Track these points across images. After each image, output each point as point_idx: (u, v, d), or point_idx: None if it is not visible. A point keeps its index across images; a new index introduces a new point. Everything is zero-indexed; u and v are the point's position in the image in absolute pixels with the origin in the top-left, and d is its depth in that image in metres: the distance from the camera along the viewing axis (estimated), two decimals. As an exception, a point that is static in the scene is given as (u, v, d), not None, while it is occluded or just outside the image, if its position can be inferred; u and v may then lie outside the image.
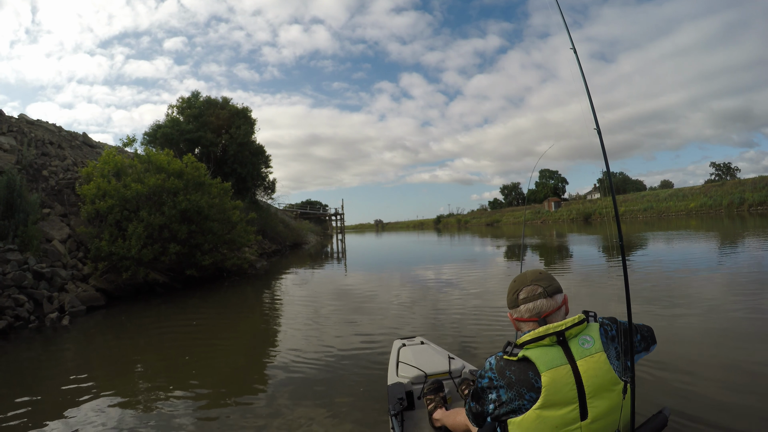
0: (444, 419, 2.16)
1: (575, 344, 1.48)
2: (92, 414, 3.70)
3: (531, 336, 1.49)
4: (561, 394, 1.40)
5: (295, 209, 60.03)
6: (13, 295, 7.39)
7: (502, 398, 1.47)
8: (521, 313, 1.60)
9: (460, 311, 6.94)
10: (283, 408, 3.63)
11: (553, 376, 1.41)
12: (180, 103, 26.15)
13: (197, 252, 11.72)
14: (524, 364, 1.46)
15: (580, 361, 1.44)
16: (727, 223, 27.76)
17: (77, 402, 3.98)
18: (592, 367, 1.43)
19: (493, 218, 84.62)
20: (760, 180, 47.62)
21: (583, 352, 1.46)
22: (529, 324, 1.58)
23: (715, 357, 4.16)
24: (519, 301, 1.61)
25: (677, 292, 7.19)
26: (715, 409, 3.02)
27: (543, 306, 1.56)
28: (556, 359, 1.44)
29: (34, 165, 11.43)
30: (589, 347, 1.47)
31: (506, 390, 1.46)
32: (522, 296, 1.60)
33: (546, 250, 18.51)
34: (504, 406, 1.46)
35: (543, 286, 1.59)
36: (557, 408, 1.41)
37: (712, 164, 72.26)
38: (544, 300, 1.57)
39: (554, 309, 1.57)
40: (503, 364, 1.50)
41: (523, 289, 1.61)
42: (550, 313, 1.56)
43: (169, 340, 6.47)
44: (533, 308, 1.57)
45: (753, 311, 5.65)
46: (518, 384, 1.44)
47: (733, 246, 13.99)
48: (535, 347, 1.47)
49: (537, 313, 1.56)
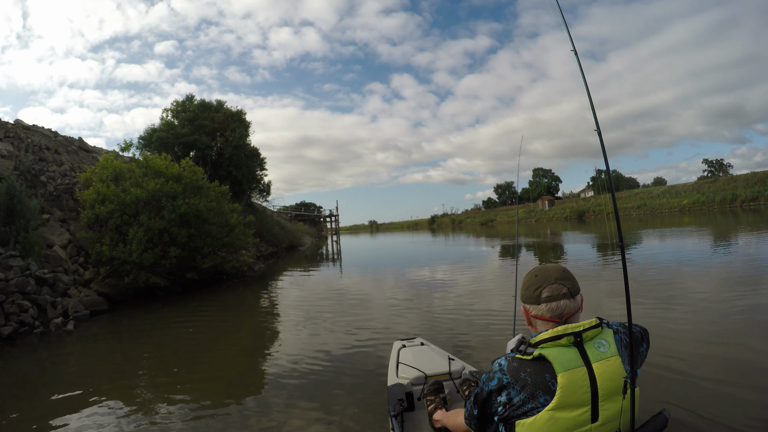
0: (444, 420, 2.12)
1: (591, 347, 1.45)
2: (94, 420, 3.73)
3: (549, 335, 1.45)
4: (576, 396, 1.38)
5: (290, 211, 59.84)
6: (17, 301, 7.43)
7: (514, 401, 1.42)
8: (542, 311, 1.53)
9: (455, 312, 7.02)
10: (284, 410, 3.67)
11: (570, 377, 1.38)
12: (174, 106, 26.06)
13: (197, 255, 11.79)
14: (540, 364, 1.43)
15: (596, 363, 1.42)
16: (720, 219, 28.08)
17: (79, 408, 4.01)
18: (607, 370, 1.42)
19: (488, 217, 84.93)
20: (752, 176, 48.13)
21: (599, 355, 1.44)
22: (548, 324, 1.52)
23: (711, 353, 4.26)
24: (541, 299, 1.53)
25: (672, 288, 7.35)
26: (713, 408, 3.04)
27: (566, 307, 1.51)
28: (573, 360, 1.41)
29: (32, 171, 11.44)
30: (605, 351, 1.45)
31: (519, 392, 1.42)
32: (545, 294, 1.52)
33: (541, 249, 18.68)
34: (515, 408, 1.42)
35: (568, 286, 1.53)
36: (570, 410, 1.38)
37: (705, 161, 72.81)
38: (568, 301, 1.51)
39: (576, 311, 1.53)
40: (516, 365, 1.45)
41: (546, 286, 1.53)
42: (572, 315, 1.52)
43: (170, 343, 6.55)
44: (556, 308, 1.50)
45: (749, 307, 5.80)
46: (533, 386, 1.40)
47: (727, 242, 14.22)
48: (551, 346, 1.44)
49: (559, 314, 1.50)
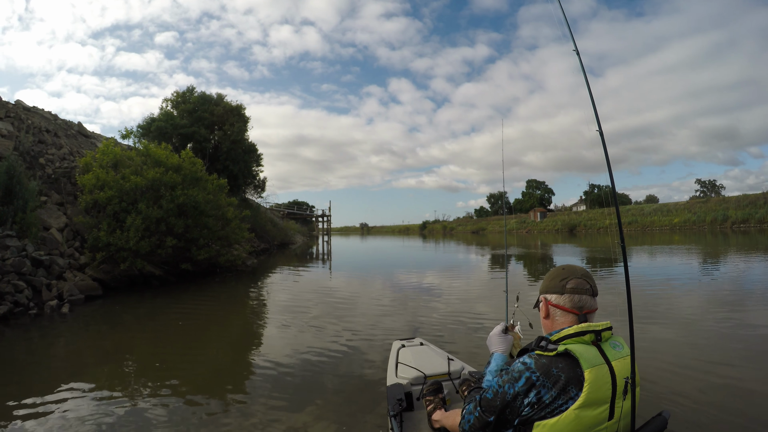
0: (443, 420, 2.12)
1: (607, 346, 1.49)
2: (77, 403, 3.73)
3: (573, 330, 1.48)
4: (600, 393, 1.39)
5: (282, 209, 59.78)
6: (13, 281, 7.43)
7: (544, 399, 1.40)
8: (564, 301, 1.58)
9: (450, 314, 7.15)
10: (283, 409, 3.61)
11: (597, 373, 1.40)
12: (174, 97, 26.05)
13: (192, 246, 11.82)
14: (568, 360, 1.43)
15: (614, 362, 1.45)
16: (710, 239, 28.52)
17: (64, 391, 4.00)
18: (624, 368, 1.46)
19: (479, 226, 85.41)
20: (744, 198, 48.97)
21: (616, 354, 1.48)
22: (568, 315, 1.57)
23: (707, 365, 4.42)
24: (566, 290, 1.58)
25: (662, 305, 7.52)
26: (713, 409, 3.19)
27: (587, 302, 1.57)
28: (597, 358, 1.43)
29: (31, 152, 11.40)
30: (620, 350, 1.51)
31: (550, 389, 1.39)
32: (570, 285, 1.58)
33: (530, 259, 18.86)
34: (542, 408, 1.40)
35: (591, 284, 1.60)
36: (594, 407, 1.39)
37: (698, 181, 74.22)
38: (589, 297, 1.58)
39: (594, 309, 1.59)
40: (546, 361, 1.44)
41: (572, 279, 1.59)
42: (590, 312, 1.58)
43: (161, 333, 6.59)
44: (579, 301, 1.56)
45: (737, 323, 6.00)
46: (567, 382, 1.39)
47: (716, 262, 14.48)
48: (575, 342, 1.46)
49: (580, 307, 1.56)
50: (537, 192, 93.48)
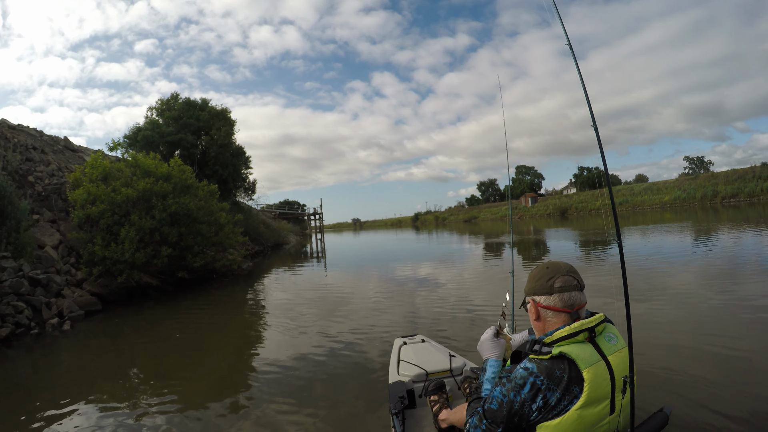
0: (450, 418, 2.09)
1: (602, 340, 1.48)
2: (86, 420, 3.77)
3: (566, 332, 1.45)
4: (600, 390, 1.38)
5: (274, 209, 59.60)
6: (12, 302, 7.44)
7: (550, 402, 1.38)
8: (554, 301, 1.53)
9: (450, 307, 7.25)
10: (283, 409, 3.69)
11: (595, 372, 1.39)
12: (159, 105, 25.82)
13: (187, 254, 11.85)
14: (567, 360, 1.41)
15: (611, 356, 1.44)
16: (701, 215, 28.94)
17: (72, 409, 4.04)
18: (621, 361, 1.45)
19: (471, 214, 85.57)
20: (732, 173, 49.56)
21: (611, 348, 1.47)
22: (560, 315, 1.53)
23: (707, 348, 4.42)
24: (554, 289, 1.53)
25: (656, 283, 7.68)
26: (714, 405, 3.12)
27: (577, 299, 1.53)
28: (593, 356, 1.42)
29: (19, 171, 11.35)
30: (615, 343, 1.49)
31: (555, 391, 1.38)
32: (558, 284, 1.53)
33: (525, 245, 19.04)
34: (549, 411, 1.39)
35: (577, 279, 1.56)
36: (595, 405, 1.38)
37: (686, 158, 74.48)
38: (578, 293, 1.54)
39: (584, 304, 1.55)
40: (548, 364, 1.41)
41: (558, 276, 1.55)
42: (581, 307, 1.54)
43: (162, 343, 6.64)
44: (569, 299, 1.52)
45: (734, 299, 6.15)
46: (569, 381, 1.38)
47: (708, 237, 14.72)
48: (568, 344, 1.43)
49: (571, 305, 1.52)
50: (527, 177, 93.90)
